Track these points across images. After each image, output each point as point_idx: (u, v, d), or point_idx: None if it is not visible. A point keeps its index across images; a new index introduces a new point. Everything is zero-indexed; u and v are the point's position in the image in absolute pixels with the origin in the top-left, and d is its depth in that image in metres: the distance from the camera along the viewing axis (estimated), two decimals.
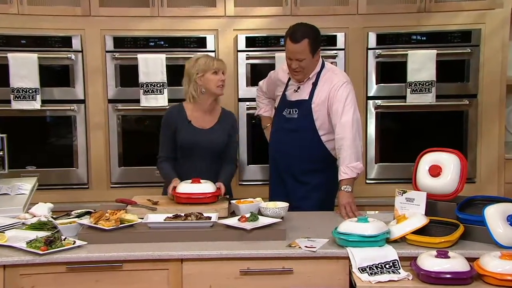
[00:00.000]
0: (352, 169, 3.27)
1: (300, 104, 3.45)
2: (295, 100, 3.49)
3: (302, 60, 3.36)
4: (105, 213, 2.87)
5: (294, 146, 3.46)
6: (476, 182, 4.46)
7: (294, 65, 3.38)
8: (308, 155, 3.44)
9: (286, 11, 4.36)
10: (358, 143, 3.33)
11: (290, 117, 3.49)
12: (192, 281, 2.66)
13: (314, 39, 3.37)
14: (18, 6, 4.23)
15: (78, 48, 4.31)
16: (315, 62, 3.43)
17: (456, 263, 2.47)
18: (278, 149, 3.57)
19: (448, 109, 4.44)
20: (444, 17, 4.40)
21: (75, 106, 4.33)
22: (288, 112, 3.50)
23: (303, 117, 3.43)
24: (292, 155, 3.47)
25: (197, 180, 3.16)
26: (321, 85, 3.43)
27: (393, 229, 2.74)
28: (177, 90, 4.33)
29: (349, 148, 3.28)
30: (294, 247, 2.69)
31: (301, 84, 3.48)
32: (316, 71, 3.45)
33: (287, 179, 3.52)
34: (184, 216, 2.87)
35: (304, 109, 3.43)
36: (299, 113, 3.45)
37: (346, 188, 3.25)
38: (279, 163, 3.56)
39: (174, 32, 4.36)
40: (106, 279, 2.65)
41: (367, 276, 2.50)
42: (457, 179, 2.92)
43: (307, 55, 3.35)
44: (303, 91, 3.47)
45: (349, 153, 3.28)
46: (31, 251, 2.61)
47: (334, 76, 3.43)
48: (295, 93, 3.50)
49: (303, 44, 3.33)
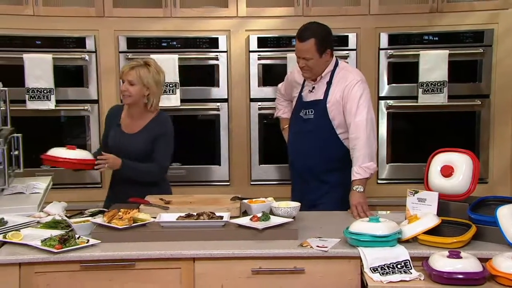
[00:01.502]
0: (365, 169, 3.26)
1: (316, 104, 3.44)
2: (310, 100, 3.48)
3: (309, 60, 3.36)
4: (118, 212, 2.88)
5: (313, 147, 3.44)
6: (488, 182, 4.43)
7: (301, 63, 3.40)
8: (327, 154, 3.42)
9: (298, 12, 4.36)
10: (372, 143, 3.32)
11: (307, 117, 3.48)
12: (204, 280, 2.66)
13: (321, 39, 3.36)
14: (34, 7, 4.25)
15: (92, 49, 4.33)
16: (323, 62, 3.41)
17: (468, 263, 2.46)
18: (297, 150, 3.55)
19: (460, 109, 4.41)
20: (457, 17, 4.37)
21: (89, 106, 4.35)
22: (304, 113, 3.49)
23: (320, 117, 3.42)
24: (311, 155, 3.45)
25: (72, 147, 3.23)
26: (336, 84, 3.42)
27: (405, 229, 2.73)
28: (189, 90, 4.36)
29: (362, 148, 3.28)
30: (305, 246, 2.68)
31: (315, 84, 3.47)
32: (329, 69, 3.44)
33: (307, 179, 3.50)
34: (196, 216, 2.87)
35: (320, 109, 3.42)
36: (316, 113, 3.44)
37: (358, 188, 3.25)
38: (299, 163, 3.55)
39: (187, 33, 4.36)
40: (119, 277, 2.66)
41: (379, 276, 2.50)
42: (469, 179, 2.90)
43: (313, 54, 3.35)
44: (318, 91, 3.46)
45: (362, 153, 3.27)
46: (45, 249, 2.63)
47: (348, 75, 3.42)
48: (310, 94, 3.49)
49: (309, 43, 3.33)
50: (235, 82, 4.41)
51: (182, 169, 4.41)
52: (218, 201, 3.16)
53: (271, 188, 4.28)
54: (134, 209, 2.96)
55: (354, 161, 3.30)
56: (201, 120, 4.47)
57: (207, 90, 4.41)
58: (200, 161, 4.46)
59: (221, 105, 4.40)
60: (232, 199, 3.17)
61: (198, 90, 4.40)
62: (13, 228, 2.84)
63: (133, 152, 3.39)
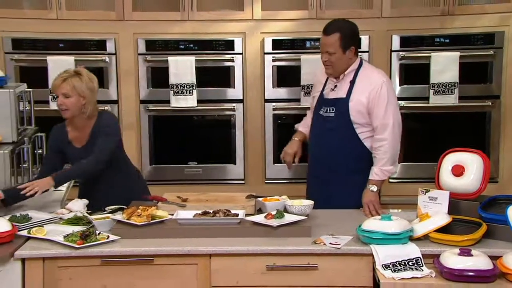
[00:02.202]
0: (384, 172, 3.21)
1: (337, 102, 3.33)
2: (332, 98, 3.36)
3: (332, 54, 3.25)
4: (137, 209, 2.89)
5: (332, 145, 3.34)
6: (498, 182, 4.40)
7: (324, 57, 3.29)
8: (346, 153, 3.32)
9: (312, 15, 4.35)
10: (396, 146, 3.25)
11: (327, 115, 3.36)
12: (220, 276, 2.66)
13: (346, 34, 3.26)
14: (57, 11, 4.29)
15: (112, 51, 4.35)
16: (347, 59, 3.30)
17: (479, 261, 2.44)
18: (317, 149, 3.45)
19: (471, 110, 4.39)
20: (468, 20, 4.35)
21: (109, 107, 4.37)
22: (325, 110, 3.37)
23: (340, 115, 3.30)
24: (330, 153, 3.35)
25: None
26: (359, 83, 3.30)
27: (416, 227, 2.72)
28: (205, 91, 4.37)
29: (387, 151, 3.21)
30: (319, 243, 2.68)
31: (338, 82, 3.36)
32: (353, 68, 3.33)
33: (326, 178, 3.39)
34: (212, 213, 2.87)
35: (341, 107, 3.30)
36: (336, 111, 3.32)
37: (372, 188, 3.21)
38: (317, 161, 3.45)
39: (203, 35, 4.38)
40: (138, 272, 2.67)
41: (391, 273, 2.49)
42: (479, 178, 2.88)
43: (336, 49, 3.25)
44: (340, 89, 3.34)
45: (385, 156, 3.21)
46: (68, 244, 2.64)
47: (372, 75, 3.32)
48: (332, 92, 3.38)
49: (333, 38, 3.24)
50: (250, 83, 4.41)
51: (199, 167, 4.43)
52: (234, 199, 3.16)
53: (285, 187, 4.27)
54: (153, 207, 2.97)
55: (375, 161, 3.24)
56: (217, 120, 4.49)
57: (223, 91, 4.42)
58: (216, 160, 4.47)
59: (237, 106, 4.41)
60: (247, 197, 3.17)
61: (214, 91, 4.41)
62: (37, 224, 2.86)
63: None
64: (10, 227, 2.69)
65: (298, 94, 4.35)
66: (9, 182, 3.03)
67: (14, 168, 3.11)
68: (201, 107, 4.37)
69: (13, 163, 3.09)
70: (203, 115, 4.44)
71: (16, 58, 4.31)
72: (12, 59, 4.30)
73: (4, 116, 3.12)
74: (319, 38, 4.26)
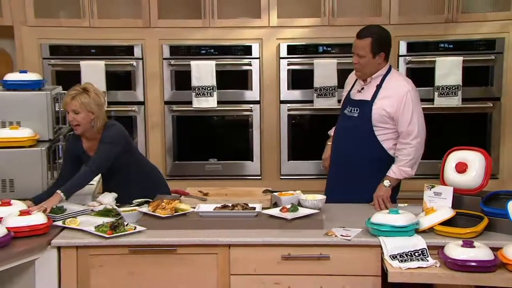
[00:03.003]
0: (401, 171, 3.17)
1: (362, 104, 3.27)
2: (358, 99, 3.31)
3: (362, 57, 3.20)
4: (162, 202, 2.90)
5: (351, 143, 3.29)
6: (498, 178, 4.34)
7: (355, 59, 3.24)
8: (363, 152, 3.25)
9: (324, 22, 4.32)
10: (419, 151, 3.20)
11: (351, 115, 3.31)
12: (238, 265, 2.67)
13: (378, 40, 3.20)
14: (90, 20, 4.31)
15: (139, 56, 4.36)
16: (376, 64, 3.24)
17: (480, 252, 2.42)
18: (337, 145, 3.40)
19: (473, 111, 4.33)
20: (470, 27, 4.30)
21: (136, 107, 4.39)
22: (350, 110, 3.33)
23: (363, 116, 3.25)
24: (349, 151, 3.30)
25: (26, 212, 2.73)
26: (385, 88, 3.24)
27: (422, 221, 2.70)
28: (225, 92, 4.37)
29: (410, 154, 3.17)
30: (330, 235, 2.67)
31: (365, 85, 3.30)
32: (381, 73, 3.27)
33: (344, 174, 3.33)
34: (231, 206, 2.87)
35: (365, 109, 3.25)
36: (360, 112, 3.27)
37: (385, 183, 3.16)
38: (337, 158, 3.40)
39: (223, 41, 4.36)
40: (162, 261, 2.68)
41: (398, 263, 2.47)
42: (481, 175, 2.86)
43: (367, 53, 3.19)
44: (366, 92, 3.29)
45: (407, 158, 3.16)
46: (99, 234, 2.67)
47: (398, 83, 3.24)
48: (358, 93, 3.32)
49: (365, 42, 3.18)
50: (267, 85, 4.40)
51: (219, 164, 4.43)
52: (251, 193, 3.16)
53: (299, 182, 4.26)
54: (176, 200, 2.98)
55: (396, 161, 3.19)
56: (236, 120, 4.47)
57: (241, 93, 4.41)
58: (234, 157, 4.46)
59: (254, 107, 4.40)
60: (264, 192, 3.17)
61: (233, 93, 4.40)
62: (71, 215, 2.89)
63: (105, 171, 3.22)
64: (46, 220, 2.71)
65: (311, 95, 4.33)
66: (46, 175, 3.05)
67: (50, 163, 3.13)
68: (221, 108, 4.37)
69: (49, 158, 3.11)
70: (223, 115, 4.44)
71: (52, 63, 4.33)
72: (49, 64, 4.33)
73: (41, 116, 3.14)
74: (331, 43, 4.32)
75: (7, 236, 2.53)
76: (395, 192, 3.33)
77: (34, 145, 3.07)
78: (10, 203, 2.79)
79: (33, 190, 3.02)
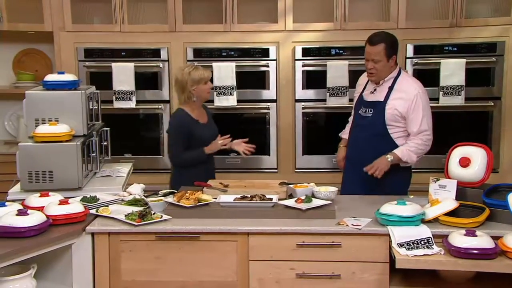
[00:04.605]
0: (407, 154, 3.15)
1: (376, 105, 3.26)
2: (371, 100, 3.30)
3: (377, 62, 3.18)
4: (186, 193, 2.90)
5: (367, 142, 3.26)
6: (499, 172, 4.29)
7: (370, 65, 3.22)
8: (378, 148, 3.22)
9: (337, 26, 4.29)
10: (427, 147, 3.22)
11: (365, 115, 3.30)
12: (256, 251, 2.66)
13: (390, 45, 3.20)
14: (121, 25, 4.33)
15: (165, 58, 4.37)
16: (389, 67, 3.23)
17: (482, 240, 2.39)
18: (353, 144, 3.39)
19: (475, 109, 4.28)
20: (473, 31, 4.24)
21: (162, 105, 4.40)
22: (364, 111, 3.31)
23: (377, 115, 3.24)
24: (364, 150, 3.27)
25: (65, 201, 2.71)
26: (396, 90, 3.23)
27: (428, 211, 2.67)
28: (244, 92, 4.35)
29: (418, 145, 3.18)
30: (342, 225, 2.65)
31: (377, 87, 3.29)
32: (392, 76, 3.26)
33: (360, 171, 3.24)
34: (250, 197, 2.86)
35: (378, 109, 3.24)
36: (374, 112, 3.26)
37: (388, 156, 3.15)
38: (353, 154, 3.38)
39: (243, 44, 4.35)
40: (186, 247, 2.68)
41: (405, 251, 2.45)
42: (483, 169, 2.82)
43: (382, 57, 3.18)
44: (379, 93, 3.27)
45: (415, 147, 3.17)
46: (128, 222, 2.67)
47: (410, 86, 3.23)
48: (371, 95, 3.31)
49: (379, 47, 3.17)
50: (283, 85, 4.38)
51: (238, 158, 4.40)
52: (268, 185, 3.14)
53: (313, 175, 4.23)
54: (199, 191, 2.98)
55: (405, 144, 3.19)
56: (254, 117, 4.46)
57: (259, 92, 4.40)
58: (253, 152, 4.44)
59: (271, 105, 4.38)
60: (280, 184, 3.15)
61: (251, 92, 4.39)
62: (103, 204, 2.89)
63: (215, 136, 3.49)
64: (83, 209, 2.73)
65: (324, 95, 4.30)
66: (80, 168, 3.06)
67: (85, 157, 3.15)
68: (240, 106, 4.36)
69: (83, 152, 3.13)
70: (242, 113, 4.43)
71: (87, 65, 4.36)
72: (84, 66, 4.35)
73: (76, 113, 3.16)
74: (343, 46, 4.28)
75: (46, 223, 2.55)
76: (406, 186, 3.30)
77: (70, 140, 3.08)
78: (48, 195, 2.82)
79: (70, 181, 3.04)
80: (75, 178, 3.05)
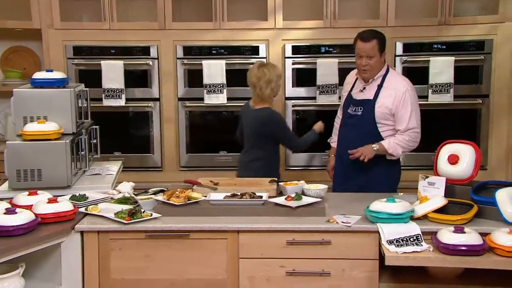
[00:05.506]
0: (393, 147, 3.17)
1: (365, 103, 3.27)
2: (360, 99, 3.30)
3: (372, 58, 3.20)
4: (176, 191, 2.89)
5: (357, 139, 3.25)
6: (487, 169, 4.31)
7: (364, 62, 3.22)
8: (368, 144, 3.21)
9: (326, 24, 4.29)
10: (414, 144, 3.23)
11: (355, 114, 3.30)
12: (246, 249, 2.66)
13: (381, 40, 3.24)
14: (110, 23, 4.30)
15: (155, 56, 4.35)
16: (381, 63, 3.25)
17: (471, 237, 2.41)
18: (343, 143, 3.39)
19: (464, 107, 4.30)
20: (461, 29, 4.26)
21: (152, 103, 4.38)
22: (353, 109, 3.31)
23: (366, 113, 3.24)
24: (354, 148, 3.23)
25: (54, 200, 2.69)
26: (386, 87, 3.24)
27: (417, 208, 2.68)
28: (234, 90, 4.34)
29: (406, 140, 3.19)
30: (332, 222, 2.65)
31: (366, 85, 3.30)
32: (381, 73, 3.27)
33: (352, 169, 3.30)
34: (240, 195, 2.86)
35: (368, 107, 3.25)
36: (364, 110, 3.26)
37: (374, 146, 3.17)
38: (343, 152, 3.35)
39: (233, 42, 4.34)
40: (176, 245, 2.67)
41: (394, 248, 2.46)
42: (472, 166, 2.84)
43: (376, 53, 3.19)
44: (368, 92, 3.28)
45: (403, 141, 3.19)
46: (118, 220, 2.66)
47: (399, 83, 3.24)
48: (360, 93, 3.32)
49: (372, 43, 3.19)
50: None
51: (228, 156, 4.41)
52: (258, 183, 3.14)
53: (303, 173, 4.24)
54: (189, 189, 2.97)
55: (394, 137, 3.21)
56: None
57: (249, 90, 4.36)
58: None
59: None
60: (270, 182, 3.15)
61: (241, 90, 4.36)
62: (92, 203, 2.88)
63: None
64: (72, 207, 2.71)
65: (314, 93, 4.30)
66: (69, 166, 3.04)
67: (74, 155, 3.13)
68: (230, 104, 4.35)
69: (72, 151, 3.10)
70: (232, 111, 4.41)
71: (76, 62, 4.32)
72: (73, 63, 4.32)
73: (65, 111, 3.13)
74: (333, 44, 4.28)
75: (34, 222, 2.53)
76: (395, 183, 3.32)
77: (59, 138, 3.06)
78: (37, 193, 2.80)
79: (58, 180, 3.02)
80: (64, 176, 3.03)
